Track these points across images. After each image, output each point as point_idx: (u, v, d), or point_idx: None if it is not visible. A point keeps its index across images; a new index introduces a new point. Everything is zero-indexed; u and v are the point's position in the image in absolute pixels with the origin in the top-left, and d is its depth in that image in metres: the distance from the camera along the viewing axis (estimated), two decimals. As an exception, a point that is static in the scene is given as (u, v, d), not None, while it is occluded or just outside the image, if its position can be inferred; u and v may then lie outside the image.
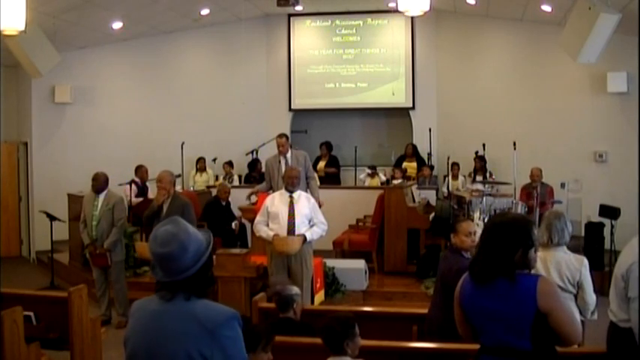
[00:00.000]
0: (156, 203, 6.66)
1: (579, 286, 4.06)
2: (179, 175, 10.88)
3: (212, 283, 2.32)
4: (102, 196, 7.20)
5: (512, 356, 2.77)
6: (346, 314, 3.45)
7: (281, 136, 7.85)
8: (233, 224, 9.12)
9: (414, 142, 12.32)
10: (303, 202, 6.28)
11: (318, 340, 3.43)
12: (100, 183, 7.22)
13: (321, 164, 11.96)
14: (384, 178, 11.46)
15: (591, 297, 4.08)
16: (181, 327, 2.18)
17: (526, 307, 2.71)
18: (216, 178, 11.89)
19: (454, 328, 4.05)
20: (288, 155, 7.73)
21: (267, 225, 6.26)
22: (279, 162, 7.68)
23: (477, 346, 3.19)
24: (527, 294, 2.72)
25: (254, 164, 11.84)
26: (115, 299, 7.27)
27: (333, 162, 12.08)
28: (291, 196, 6.25)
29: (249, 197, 8.40)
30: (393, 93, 12.86)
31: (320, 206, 6.75)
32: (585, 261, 4.18)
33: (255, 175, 11.53)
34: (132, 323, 2.34)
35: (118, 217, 7.15)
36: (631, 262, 3.49)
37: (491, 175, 10.46)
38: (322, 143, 12.17)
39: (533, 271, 2.92)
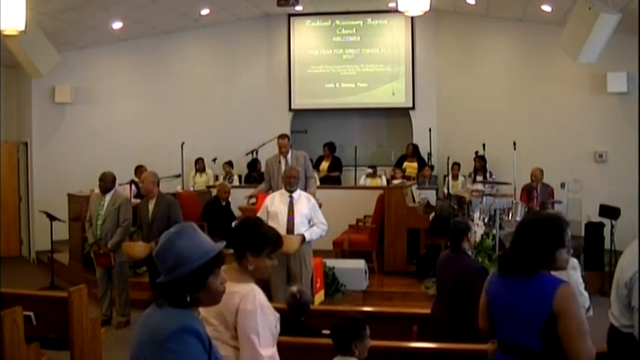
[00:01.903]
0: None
1: None
2: (179, 175, 10.89)
3: (193, 301, 2.22)
4: (108, 196, 7.22)
5: (521, 355, 2.78)
6: (357, 315, 3.42)
7: (282, 137, 7.85)
8: (233, 224, 9.10)
9: (414, 142, 12.32)
10: (303, 201, 6.28)
11: (320, 340, 3.43)
12: (107, 183, 7.23)
13: (324, 165, 11.91)
14: (384, 181, 11.42)
15: (582, 295, 4.09)
16: (141, 334, 2.19)
17: (540, 307, 2.72)
18: (216, 178, 11.89)
19: (464, 329, 4.06)
20: (289, 156, 7.72)
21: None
22: (280, 162, 7.68)
23: (477, 347, 3.19)
24: (544, 294, 2.73)
25: (254, 164, 11.84)
26: (116, 299, 7.27)
27: (336, 163, 12.00)
28: (290, 196, 6.25)
29: (248, 200, 8.40)
30: (393, 93, 12.87)
31: (320, 206, 6.75)
32: (574, 262, 4.17)
33: (255, 175, 11.53)
34: None
35: (124, 218, 7.15)
36: (634, 271, 3.44)
37: (491, 175, 10.46)
38: (325, 144, 12.10)
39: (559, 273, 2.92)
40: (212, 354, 2.22)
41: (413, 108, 12.82)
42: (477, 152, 10.96)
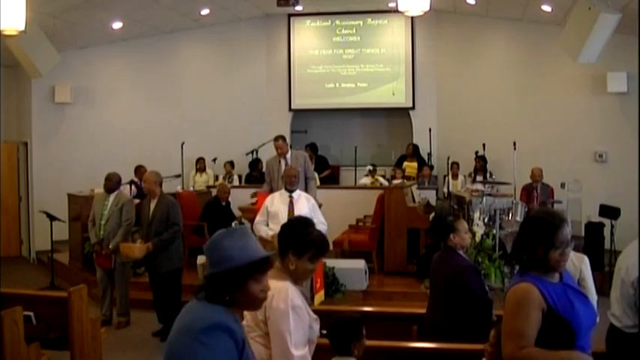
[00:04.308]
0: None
1: (580, 285, 3.90)
2: (179, 175, 10.89)
3: (230, 301, 2.25)
4: (112, 196, 7.23)
5: None
6: (353, 314, 3.42)
7: (277, 138, 7.84)
8: (233, 224, 9.10)
9: (414, 142, 12.31)
10: (303, 201, 6.30)
11: (318, 341, 3.42)
12: (113, 183, 7.26)
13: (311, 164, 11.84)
14: (385, 183, 11.37)
15: (594, 297, 3.99)
16: (177, 324, 2.26)
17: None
18: (216, 178, 11.89)
19: (458, 329, 4.06)
20: (288, 156, 7.74)
21: (267, 225, 6.28)
22: (280, 162, 7.69)
23: (476, 347, 3.19)
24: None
25: (255, 164, 11.84)
26: (117, 300, 7.27)
27: (322, 163, 12.00)
28: (290, 196, 6.27)
29: (253, 196, 8.41)
30: (393, 93, 12.86)
31: (320, 206, 6.76)
32: (586, 259, 4.12)
33: (256, 175, 11.53)
34: None
35: (126, 218, 7.15)
36: None
37: (491, 175, 10.46)
38: (306, 145, 11.97)
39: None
40: (244, 355, 2.22)
41: (413, 108, 12.81)
42: (477, 152, 10.96)
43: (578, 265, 4.05)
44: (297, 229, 2.93)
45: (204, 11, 11.45)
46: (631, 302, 3.45)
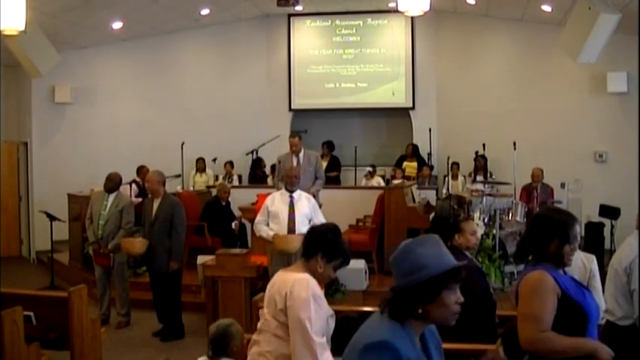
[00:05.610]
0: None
1: (589, 284, 3.90)
2: (179, 175, 10.89)
3: (423, 314, 2.09)
4: (112, 197, 7.22)
5: None
6: (352, 315, 3.44)
7: (293, 135, 7.99)
8: (233, 224, 9.12)
9: (414, 142, 12.32)
10: (303, 201, 6.31)
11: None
12: (115, 183, 7.26)
13: (323, 164, 11.88)
14: (381, 182, 11.39)
15: (601, 297, 3.94)
16: (351, 339, 2.18)
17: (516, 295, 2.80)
18: (216, 178, 11.90)
19: (462, 330, 4.05)
20: (301, 154, 7.80)
21: (268, 225, 6.29)
22: (292, 160, 7.72)
23: (478, 347, 3.19)
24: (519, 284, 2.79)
25: (258, 163, 11.87)
26: (116, 299, 7.27)
27: (335, 163, 12.00)
28: (291, 196, 6.28)
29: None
30: (393, 93, 12.87)
31: (320, 207, 6.77)
32: (595, 259, 4.13)
33: (260, 174, 11.53)
34: None
35: (126, 221, 7.15)
36: (634, 256, 3.48)
37: (491, 175, 10.46)
38: (324, 142, 12.06)
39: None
40: None
41: (413, 108, 12.81)
42: (477, 152, 10.95)
43: (588, 265, 4.06)
44: (331, 234, 3.02)
45: (205, 11, 11.45)
46: (625, 291, 3.51)
